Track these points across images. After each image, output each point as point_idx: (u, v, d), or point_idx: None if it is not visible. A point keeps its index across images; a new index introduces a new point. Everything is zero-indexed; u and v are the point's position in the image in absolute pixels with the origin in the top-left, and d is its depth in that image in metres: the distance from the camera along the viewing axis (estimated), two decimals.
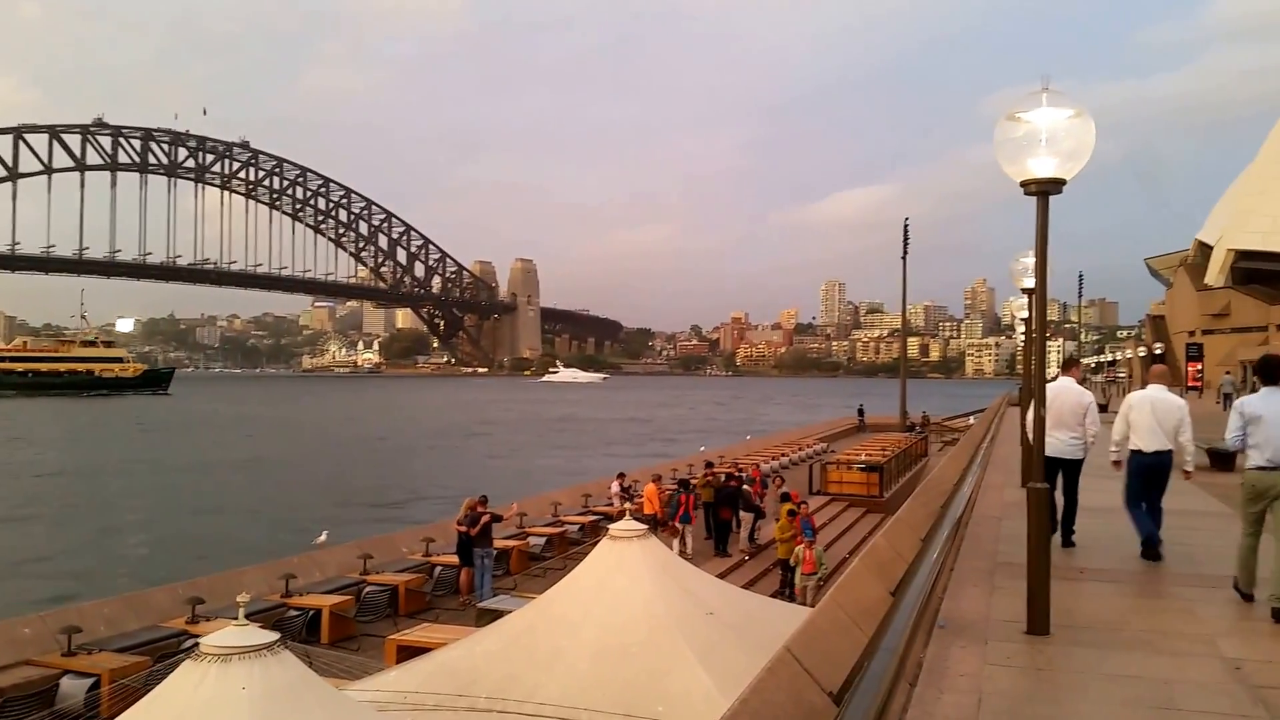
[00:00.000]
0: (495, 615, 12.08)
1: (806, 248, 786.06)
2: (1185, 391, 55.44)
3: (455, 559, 16.51)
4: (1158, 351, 65.39)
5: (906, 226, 52.81)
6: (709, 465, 24.88)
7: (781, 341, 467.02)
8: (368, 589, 15.36)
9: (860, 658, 5.34)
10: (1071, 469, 9.43)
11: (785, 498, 20.18)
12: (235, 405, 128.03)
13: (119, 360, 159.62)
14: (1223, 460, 16.46)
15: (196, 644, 5.92)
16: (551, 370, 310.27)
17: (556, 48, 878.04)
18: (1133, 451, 8.92)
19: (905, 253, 52.66)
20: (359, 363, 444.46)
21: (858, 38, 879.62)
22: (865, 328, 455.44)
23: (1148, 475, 8.84)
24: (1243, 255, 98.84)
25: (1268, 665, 5.63)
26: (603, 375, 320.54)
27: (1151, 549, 8.81)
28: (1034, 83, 6.17)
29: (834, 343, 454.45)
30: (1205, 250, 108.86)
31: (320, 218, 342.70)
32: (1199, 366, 57.22)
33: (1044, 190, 6.25)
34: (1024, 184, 6.28)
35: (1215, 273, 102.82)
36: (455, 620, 14.28)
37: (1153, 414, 8.81)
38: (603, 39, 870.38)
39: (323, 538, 18.83)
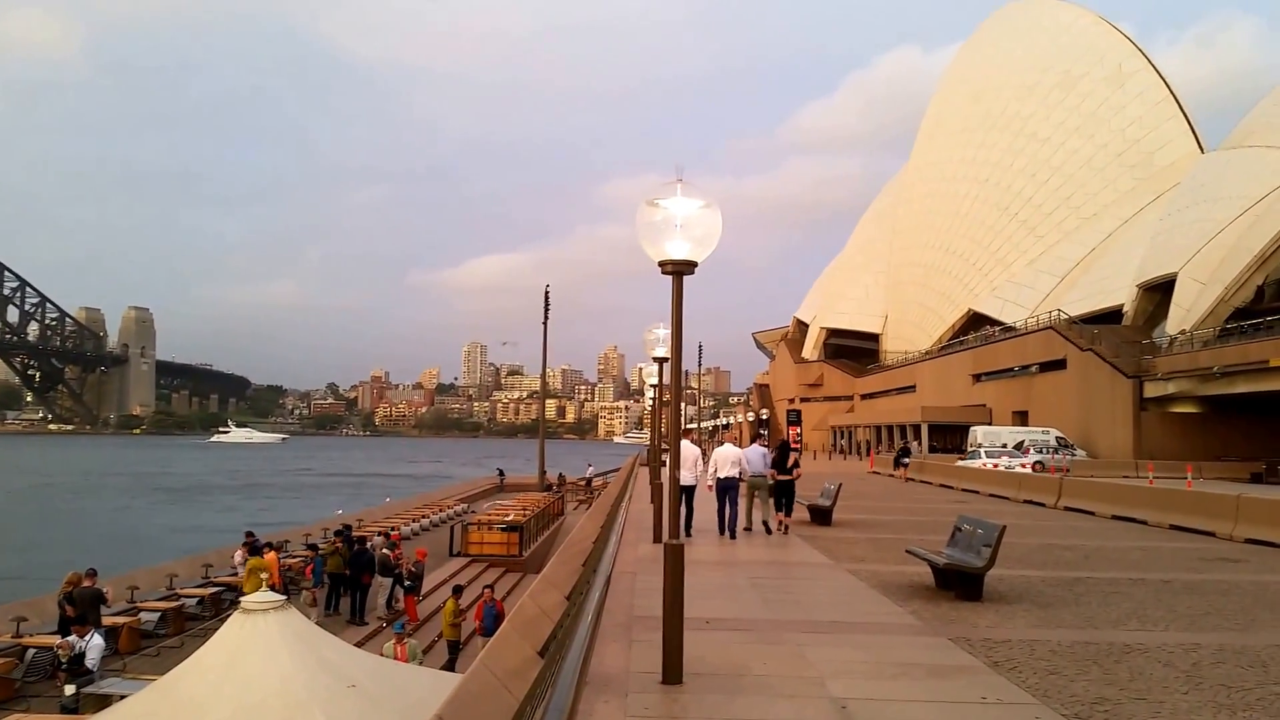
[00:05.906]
0: (105, 702, 10.74)
1: (449, 309, 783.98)
2: None
3: (52, 639, 14.53)
4: (764, 416, 72.54)
5: (547, 294, 54.93)
6: (322, 535, 23.53)
7: (423, 401, 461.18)
8: None
9: None
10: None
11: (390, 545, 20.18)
12: None
13: None
14: (822, 516, 18.98)
15: None
16: (221, 430, 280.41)
17: (190, 91, 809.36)
18: (717, 479, 16.35)
19: (546, 318, 54.68)
20: None
21: (491, 117, 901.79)
22: (506, 389, 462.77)
23: (724, 490, 16.35)
24: (832, 333, 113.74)
25: (867, 702, 6.44)
26: (283, 436, 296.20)
27: (723, 531, 16.20)
28: (650, 174, 6.77)
29: (475, 403, 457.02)
30: (802, 327, 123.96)
31: None
32: (798, 430, 64.33)
33: (679, 270, 6.82)
34: (662, 264, 6.81)
35: (810, 348, 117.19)
36: (53, 709, 12.55)
37: (726, 458, 16.44)
38: (238, 86, 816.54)
39: None
